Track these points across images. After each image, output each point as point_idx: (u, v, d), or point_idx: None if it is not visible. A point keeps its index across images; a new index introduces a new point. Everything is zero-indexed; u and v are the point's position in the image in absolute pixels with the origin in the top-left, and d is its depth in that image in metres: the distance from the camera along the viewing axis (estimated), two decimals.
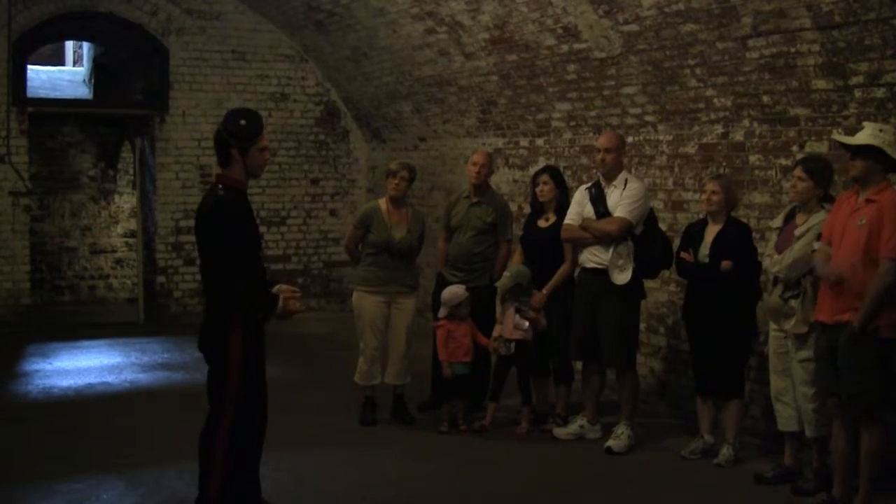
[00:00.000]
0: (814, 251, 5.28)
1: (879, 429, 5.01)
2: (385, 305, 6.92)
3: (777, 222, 5.74)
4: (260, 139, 4.74)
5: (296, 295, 4.84)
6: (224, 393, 4.71)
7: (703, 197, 6.13)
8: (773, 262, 5.54)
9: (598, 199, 6.40)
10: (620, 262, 6.28)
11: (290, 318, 4.88)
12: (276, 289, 4.86)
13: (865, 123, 5.17)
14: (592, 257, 6.39)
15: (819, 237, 5.28)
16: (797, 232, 5.46)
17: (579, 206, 6.50)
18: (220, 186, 4.76)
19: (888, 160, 4.95)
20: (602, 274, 6.32)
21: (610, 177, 6.43)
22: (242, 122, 4.74)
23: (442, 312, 6.79)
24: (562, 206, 6.78)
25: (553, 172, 6.98)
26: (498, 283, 6.85)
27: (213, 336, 4.74)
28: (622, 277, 6.28)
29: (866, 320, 4.88)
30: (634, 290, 6.40)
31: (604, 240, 6.30)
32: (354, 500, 5.48)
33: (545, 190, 6.85)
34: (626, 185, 6.36)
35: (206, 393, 4.77)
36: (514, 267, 6.83)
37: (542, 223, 6.92)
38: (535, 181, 6.98)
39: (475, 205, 7.21)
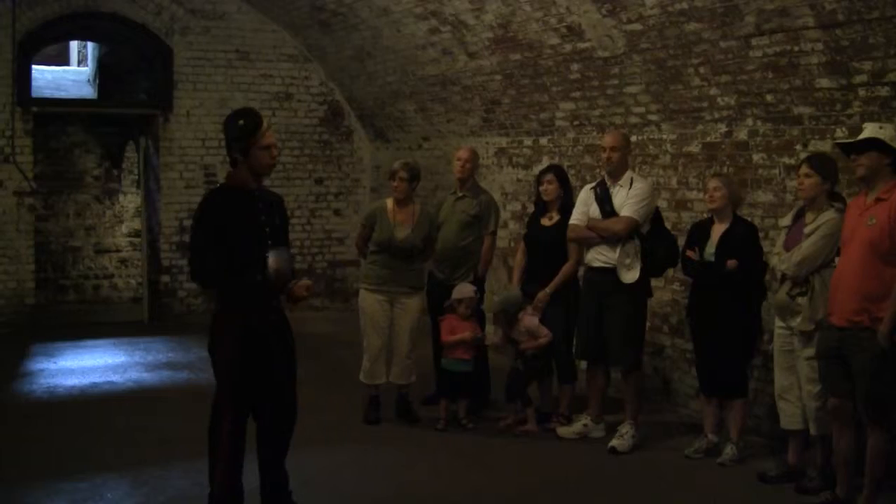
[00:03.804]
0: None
1: (887, 430, 4.99)
2: (387, 304, 6.92)
3: (786, 220, 5.73)
4: (258, 137, 4.68)
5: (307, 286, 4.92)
6: (219, 387, 4.75)
7: (706, 195, 6.13)
8: (782, 259, 5.53)
9: (604, 198, 6.39)
10: (628, 260, 6.27)
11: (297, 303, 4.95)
12: (292, 283, 4.89)
13: (865, 125, 5.15)
14: (599, 256, 6.38)
15: (839, 251, 5.25)
16: (806, 230, 5.44)
17: (585, 206, 6.50)
18: (220, 184, 4.83)
19: (893, 155, 4.91)
20: (609, 273, 6.32)
21: (616, 176, 6.43)
22: (241, 122, 4.72)
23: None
24: (565, 205, 6.79)
25: (557, 171, 6.98)
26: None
27: (211, 328, 4.81)
28: (630, 276, 6.27)
29: (893, 329, 4.81)
30: (642, 288, 6.40)
31: (611, 239, 6.30)
32: (359, 498, 5.49)
33: (549, 189, 6.85)
34: (631, 184, 6.36)
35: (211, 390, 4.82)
36: (505, 293, 6.89)
37: (545, 221, 6.92)
38: (539, 180, 6.99)
39: (460, 199, 7.30)
